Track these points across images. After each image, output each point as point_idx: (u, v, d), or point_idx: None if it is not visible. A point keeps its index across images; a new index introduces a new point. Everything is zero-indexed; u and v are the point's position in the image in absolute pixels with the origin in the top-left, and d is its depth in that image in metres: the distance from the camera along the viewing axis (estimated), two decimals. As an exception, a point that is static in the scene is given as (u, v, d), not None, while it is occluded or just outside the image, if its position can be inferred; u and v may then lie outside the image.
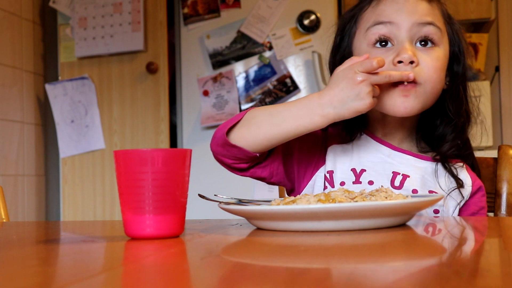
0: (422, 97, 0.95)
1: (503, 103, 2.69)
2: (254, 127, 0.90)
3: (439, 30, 0.98)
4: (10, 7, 2.68)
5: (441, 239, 0.69)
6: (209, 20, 2.66)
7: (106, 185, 2.73)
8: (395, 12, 0.97)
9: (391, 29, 0.96)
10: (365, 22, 1.00)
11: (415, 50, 0.95)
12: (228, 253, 0.60)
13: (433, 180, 1.00)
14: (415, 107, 0.94)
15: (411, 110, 0.94)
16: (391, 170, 0.99)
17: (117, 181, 0.71)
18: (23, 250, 0.66)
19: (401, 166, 0.99)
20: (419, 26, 0.96)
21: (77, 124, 2.75)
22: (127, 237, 0.71)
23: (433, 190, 0.98)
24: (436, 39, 0.97)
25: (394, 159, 1.01)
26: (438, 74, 0.96)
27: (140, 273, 0.49)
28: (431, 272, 0.47)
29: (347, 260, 0.53)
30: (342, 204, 0.68)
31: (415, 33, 0.96)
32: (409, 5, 0.97)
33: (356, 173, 0.99)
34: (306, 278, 0.45)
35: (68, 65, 2.78)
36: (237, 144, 0.91)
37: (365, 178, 0.98)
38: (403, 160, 1.01)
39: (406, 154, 1.01)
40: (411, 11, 0.96)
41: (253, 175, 1.00)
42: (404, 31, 0.96)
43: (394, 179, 0.98)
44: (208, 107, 2.62)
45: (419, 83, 0.94)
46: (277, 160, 0.99)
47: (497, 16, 2.69)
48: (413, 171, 0.99)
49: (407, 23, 0.96)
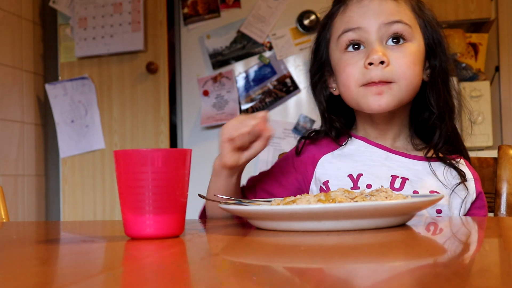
0: (398, 94, 0.97)
1: (503, 103, 2.69)
2: (211, 213, 1.02)
3: (408, 26, 0.99)
4: (10, 7, 2.68)
5: (441, 239, 0.69)
6: (209, 20, 2.66)
7: (106, 185, 2.73)
8: (361, 16, 0.99)
9: (360, 34, 0.99)
10: (336, 30, 1.03)
11: (385, 50, 0.97)
12: (228, 253, 0.60)
13: (433, 179, 0.99)
14: (390, 103, 0.97)
15: (386, 107, 0.97)
16: (389, 173, 0.99)
17: (117, 181, 0.71)
18: (23, 250, 0.66)
19: (400, 169, 0.99)
20: (386, 26, 0.98)
21: (77, 124, 2.75)
22: (127, 237, 0.71)
23: (434, 190, 0.98)
24: (406, 35, 0.98)
25: (391, 162, 1.00)
26: (412, 69, 0.97)
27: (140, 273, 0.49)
28: (431, 272, 0.47)
29: (347, 260, 0.53)
30: (342, 204, 0.68)
31: (384, 33, 0.98)
32: (374, 7, 0.99)
33: (353, 178, 0.99)
34: (306, 278, 0.45)
35: (68, 65, 2.78)
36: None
37: (363, 182, 0.98)
38: (400, 163, 1.01)
39: (402, 157, 1.01)
40: (376, 12, 0.98)
41: None
42: (373, 33, 0.98)
43: (393, 182, 0.98)
44: (208, 107, 2.62)
45: (393, 82, 0.96)
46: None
47: (497, 16, 2.69)
48: (412, 173, 0.99)
49: (374, 25, 0.98)
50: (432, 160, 1.01)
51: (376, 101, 0.96)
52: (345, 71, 1.00)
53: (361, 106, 0.99)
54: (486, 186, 1.16)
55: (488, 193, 1.15)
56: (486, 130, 2.43)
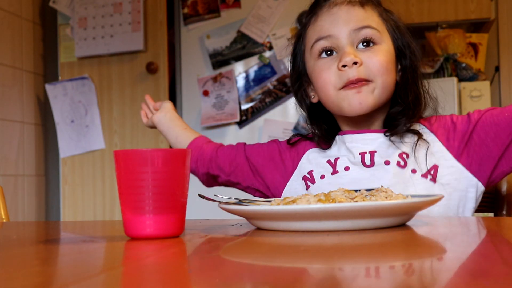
0: (376, 92, 1.00)
1: (503, 103, 2.68)
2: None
3: (376, 30, 1.03)
4: (10, 7, 2.68)
5: (441, 239, 0.69)
6: (209, 20, 2.66)
7: (106, 185, 2.73)
8: (331, 24, 1.03)
9: (331, 41, 1.03)
10: (309, 40, 1.07)
11: (356, 52, 1.01)
12: (228, 253, 0.60)
13: (398, 144, 1.02)
14: (369, 102, 1.00)
15: (366, 105, 1.00)
16: (357, 152, 1.03)
17: (117, 181, 0.71)
18: (23, 250, 0.66)
19: (365, 146, 1.03)
20: (355, 31, 1.02)
21: (77, 124, 2.75)
22: (127, 237, 0.71)
23: (403, 151, 1.01)
24: (375, 39, 1.02)
25: (357, 142, 1.04)
26: (385, 66, 1.01)
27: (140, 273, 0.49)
28: (431, 272, 0.47)
29: (347, 260, 0.53)
30: (342, 204, 0.68)
31: (354, 38, 1.02)
32: (343, 14, 1.03)
33: (331, 163, 1.05)
34: (306, 278, 0.45)
35: (68, 65, 2.78)
36: None
37: (340, 165, 1.04)
38: (364, 140, 1.04)
39: (363, 133, 1.05)
40: (346, 20, 1.02)
41: (227, 184, 1.21)
42: (343, 39, 1.02)
43: (364, 159, 1.02)
44: (208, 107, 2.62)
45: (370, 80, 1.00)
46: (243, 169, 1.17)
47: (497, 16, 2.70)
48: (376, 145, 1.03)
49: (344, 32, 1.02)
50: (389, 133, 1.04)
51: (357, 100, 0.99)
52: (321, 77, 1.03)
53: (342, 109, 1.02)
54: (486, 186, 1.16)
55: (488, 193, 1.15)
56: (486, 130, 2.43)
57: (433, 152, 1.01)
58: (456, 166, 1.00)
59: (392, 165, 1.00)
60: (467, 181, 0.99)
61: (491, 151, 0.98)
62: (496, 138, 0.98)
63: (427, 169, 0.99)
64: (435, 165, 1.00)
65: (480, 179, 1.00)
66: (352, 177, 1.02)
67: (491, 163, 0.99)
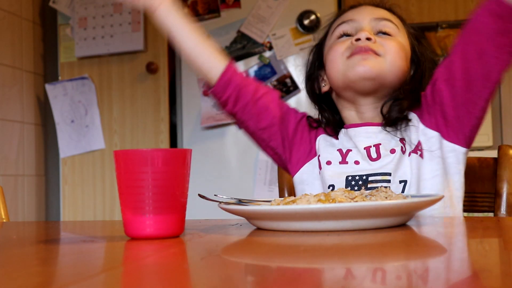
0: (382, 64, 1.02)
1: (503, 103, 2.69)
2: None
3: (395, 26, 1.07)
4: (10, 7, 2.68)
5: (441, 239, 0.69)
6: (209, 20, 2.66)
7: (106, 185, 2.73)
8: (356, 12, 1.09)
9: (352, 25, 1.07)
10: (332, 29, 1.12)
11: (372, 33, 1.04)
12: (228, 253, 0.60)
13: (395, 132, 1.04)
14: (374, 67, 1.01)
15: (370, 69, 1.01)
16: (362, 146, 1.04)
17: (117, 181, 0.71)
18: (23, 250, 0.66)
19: (369, 140, 1.04)
20: (376, 20, 1.06)
21: (77, 124, 2.75)
22: (127, 237, 0.71)
23: (401, 137, 1.03)
24: (393, 32, 1.06)
25: (360, 136, 1.05)
26: (397, 50, 1.03)
27: (140, 273, 0.49)
28: (431, 272, 0.47)
29: (347, 260, 0.53)
30: (342, 204, 0.68)
31: (374, 26, 1.06)
32: (369, 9, 1.10)
33: (342, 153, 1.05)
34: (306, 278, 0.45)
35: (68, 65, 2.78)
36: None
37: (351, 158, 1.04)
38: (367, 133, 1.05)
39: (366, 126, 1.06)
40: (370, 12, 1.09)
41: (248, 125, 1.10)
42: (364, 23, 1.06)
43: (369, 153, 1.03)
44: (208, 107, 2.62)
45: (379, 54, 1.02)
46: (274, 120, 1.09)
47: (497, 16, 2.69)
48: (380, 137, 1.04)
49: (366, 18, 1.07)
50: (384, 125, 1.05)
51: (362, 64, 1.01)
52: (333, 49, 1.07)
53: (347, 76, 1.03)
54: (486, 186, 1.16)
55: (488, 193, 1.15)
56: (486, 130, 2.43)
57: (417, 128, 1.03)
58: (433, 135, 1.02)
59: (397, 152, 1.01)
60: (445, 148, 1.01)
61: (444, 110, 1.00)
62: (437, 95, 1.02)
63: (415, 145, 1.02)
64: (419, 141, 1.02)
65: (455, 141, 1.01)
66: (358, 168, 1.03)
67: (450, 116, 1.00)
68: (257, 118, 1.08)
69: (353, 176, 1.02)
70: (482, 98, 0.97)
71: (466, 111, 0.98)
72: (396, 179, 1.00)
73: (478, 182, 1.17)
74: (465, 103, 0.98)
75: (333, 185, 1.03)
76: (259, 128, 1.09)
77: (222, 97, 1.07)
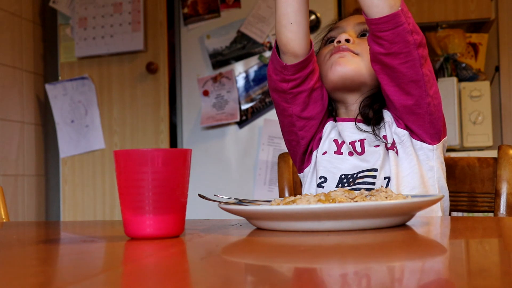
0: (359, 63, 1.06)
1: (503, 103, 2.69)
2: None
3: None
4: (10, 7, 2.68)
5: (441, 239, 0.69)
6: (209, 20, 2.66)
7: (106, 185, 2.73)
8: (344, 20, 1.17)
9: (337, 31, 1.14)
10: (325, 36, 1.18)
11: (354, 36, 1.10)
12: (228, 253, 0.60)
13: (378, 130, 1.06)
14: (350, 65, 1.06)
15: (346, 68, 1.05)
16: (348, 141, 1.07)
17: (117, 181, 0.71)
18: (23, 250, 0.66)
19: (354, 135, 1.07)
20: (360, 24, 1.12)
21: (77, 124, 2.75)
22: (127, 237, 0.71)
23: (384, 134, 1.05)
24: None
25: (347, 131, 1.08)
26: None
27: (140, 273, 0.49)
28: (431, 272, 0.47)
29: (347, 260, 0.53)
30: (342, 204, 0.68)
31: (357, 29, 1.12)
32: (355, 16, 1.16)
33: (337, 143, 1.09)
34: (306, 278, 0.45)
35: (68, 65, 2.78)
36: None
37: (345, 149, 1.08)
38: (354, 128, 1.08)
39: (352, 122, 1.09)
40: (355, 18, 1.15)
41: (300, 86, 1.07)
42: (347, 28, 1.13)
43: (354, 148, 1.06)
44: (208, 107, 2.62)
45: (356, 53, 1.07)
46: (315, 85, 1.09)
47: (497, 16, 2.70)
48: (365, 133, 1.07)
49: (350, 24, 1.13)
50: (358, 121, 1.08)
51: (339, 63, 1.06)
52: (319, 54, 1.14)
53: (327, 75, 1.08)
54: (486, 186, 1.16)
55: (488, 193, 1.15)
56: (486, 130, 2.43)
57: (390, 127, 1.06)
58: (403, 134, 1.04)
59: (381, 147, 1.04)
60: (414, 146, 1.04)
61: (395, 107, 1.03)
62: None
63: (391, 143, 1.05)
64: (393, 139, 1.05)
65: (421, 139, 1.04)
66: (351, 163, 1.05)
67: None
68: (304, 107, 1.08)
69: (346, 174, 1.05)
70: (418, 98, 1.00)
71: (415, 115, 1.02)
72: (381, 175, 1.02)
73: (478, 182, 1.17)
74: (409, 110, 1.02)
75: (325, 177, 1.05)
76: (299, 116, 1.09)
77: (290, 76, 1.04)
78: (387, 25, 0.94)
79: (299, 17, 1.03)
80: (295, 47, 1.03)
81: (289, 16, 1.03)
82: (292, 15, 1.03)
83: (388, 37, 0.95)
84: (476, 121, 2.40)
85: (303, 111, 1.08)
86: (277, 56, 1.05)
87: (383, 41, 0.95)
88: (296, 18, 1.03)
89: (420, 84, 0.99)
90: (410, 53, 0.96)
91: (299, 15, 1.03)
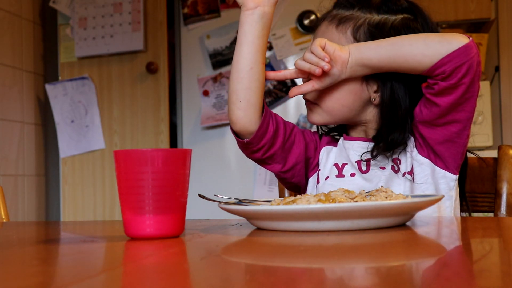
0: (321, 114, 1.04)
1: (503, 103, 2.68)
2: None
3: None
4: (10, 7, 2.68)
5: (441, 239, 0.69)
6: (209, 20, 2.66)
7: (106, 185, 2.73)
8: (317, 32, 1.08)
9: None
10: None
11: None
12: (228, 253, 0.60)
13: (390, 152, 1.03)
14: (314, 119, 1.05)
15: (314, 120, 1.05)
16: (354, 160, 1.04)
17: (117, 181, 0.71)
18: (23, 250, 0.66)
19: (359, 155, 1.04)
20: (330, 28, 1.05)
21: (77, 124, 2.75)
22: (127, 237, 0.71)
23: (396, 157, 1.02)
24: None
25: (353, 149, 1.05)
26: (332, 92, 1.03)
27: (140, 273, 0.49)
28: (431, 272, 0.47)
29: (347, 260, 0.53)
30: (342, 204, 0.68)
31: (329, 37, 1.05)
32: (320, 31, 1.06)
33: (338, 167, 1.06)
34: (306, 278, 0.45)
35: (68, 65, 2.78)
36: None
37: (347, 171, 1.05)
38: (361, 147, 1.04)
39: (360, 141, 1.05)
40: (320, 34, 1.06)
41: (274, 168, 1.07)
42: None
43: (360, 166, 1.03)
44: (208, 107, 2.62)
45: (314, 103, 1.05)
46: (297, 159, 1.07)
47: (497, 16, 2.69)
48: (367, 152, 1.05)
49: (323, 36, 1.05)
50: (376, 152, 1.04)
51: (308, 115, 1.08)
52: None
53: None
54: (486, 186, 1.16)
55: (488, 193, 1.15)
56: (486, 130, 2.43)
57: (411, 153, 1.02)
58: (425, 162, 1.01)
59: (387, 170, 1.01)
60: (437, 174, 1.01)
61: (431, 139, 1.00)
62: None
63: (410, 169, 1.01)
64: (412, 166, 1.01)
65: (446, 168, 1.01)
66: (355, 184, 1.02)
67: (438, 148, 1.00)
68: (283, 162, 1.06)
69: None
70: (462, 127, 0.97)
71: (452, 143, 0.98)
72: None
73: (478, 182, 1.17)
74: (450, 137, 0.98)
75: None
76: (282, 171, 1.07)
77: (254, 147, 1.02)
78: (459, 58, 0.90)
79: (249, 95, 0.99)
80: (246, 125, 1.00)
81: (238, 93, 1.00)
82: (242, 92, 0.99)
83: (463, 69, 0.90)
84: (476, 121, 2.40)
85: (284, 166, 1.06)
86: (236, 136, 1.03)
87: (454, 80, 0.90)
88: (246, 96, 0.99)
89: (470, 116, 0.97)
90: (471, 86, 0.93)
91: (248, 92, 0.99)
